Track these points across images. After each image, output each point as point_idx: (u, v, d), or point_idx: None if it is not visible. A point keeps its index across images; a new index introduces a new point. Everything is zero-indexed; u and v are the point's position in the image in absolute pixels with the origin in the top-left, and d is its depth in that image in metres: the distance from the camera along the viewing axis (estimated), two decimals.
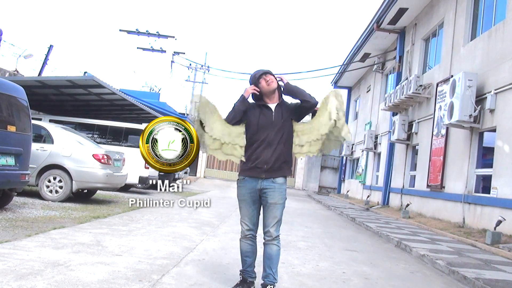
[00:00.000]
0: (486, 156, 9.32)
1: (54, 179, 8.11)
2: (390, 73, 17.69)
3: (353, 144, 22.34)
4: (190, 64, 27.63)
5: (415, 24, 14.22)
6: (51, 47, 20.46)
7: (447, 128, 10.46)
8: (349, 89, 25.39)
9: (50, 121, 10.85)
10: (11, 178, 6.15)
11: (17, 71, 17.82)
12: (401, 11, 13.92)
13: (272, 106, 3.38)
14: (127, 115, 15.08)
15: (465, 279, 4.70)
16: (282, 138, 3.31)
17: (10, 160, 6.13)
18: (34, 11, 64.68)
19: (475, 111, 8.99)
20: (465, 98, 9.04)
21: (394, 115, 14.76)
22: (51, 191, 8.09)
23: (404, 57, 15.13)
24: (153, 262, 4.11)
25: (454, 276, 4.93)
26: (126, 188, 11.71)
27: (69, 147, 8.34)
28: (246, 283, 3.41)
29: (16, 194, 6.84)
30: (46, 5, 66.01)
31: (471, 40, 10.39)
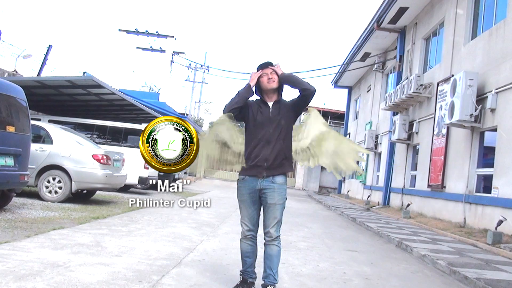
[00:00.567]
0: (487, 156, 9.30)
1: (54, 179, 8.09)
2: (390, 72, 17.67)
3: None
4: (190, 64, 27.68)
5: (416, 23, 14.21)
6: (50, 47, 20.40)
7: (448, 127, 10.44)
8: (350, 89, 25.38)
9: (49, 121, 10.84)
10: (10, 179, 6.12)
11: (16, 71, 17.78)
12: (402, 10, 13.90)
13: (270, 104, 3.38)
14: (127, 115, 15.07)
15: (466, 279, 4.69)
16: (281, 134, 3.30)
17: (9, 161, 6.10)
18: (33, 11, 64.70)
19: (476, 110, 8.97)
20: (466, 97, 9.03)
21: (394, 114, 14.74)
22: (50, 192, 8.07)
23: (404, 56, 15.11)
24: (153, 262, 4.09)
25: (455, 276, 4.92)
26: (126, 188, 11.70)
27: (68, 148, 8.32)
28: (247, 284, 3.40)
29: (15, 194, 6.82)
30: (45, 5, 66.03)
31: (471, 39, 10.37)
